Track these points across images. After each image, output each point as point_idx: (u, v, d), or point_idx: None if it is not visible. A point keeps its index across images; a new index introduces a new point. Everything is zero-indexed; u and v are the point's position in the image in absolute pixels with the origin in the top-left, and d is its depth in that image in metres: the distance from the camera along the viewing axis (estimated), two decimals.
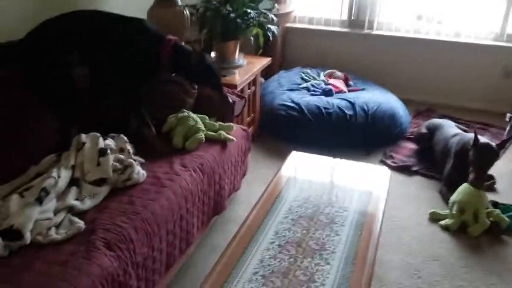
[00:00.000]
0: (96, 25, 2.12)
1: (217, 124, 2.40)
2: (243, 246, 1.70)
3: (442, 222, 2.52)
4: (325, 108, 3.34)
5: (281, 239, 1.74)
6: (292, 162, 2.38)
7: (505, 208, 2.58)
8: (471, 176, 2.50)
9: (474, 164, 2.52)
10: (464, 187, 2.52)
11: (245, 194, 2.73)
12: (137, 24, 2.15)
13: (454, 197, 2.53)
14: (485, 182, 2.59)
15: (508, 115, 3.15)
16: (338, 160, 2.43)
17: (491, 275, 2.18)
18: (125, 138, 2.06)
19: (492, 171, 2.86)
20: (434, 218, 2.57)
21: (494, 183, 2.91)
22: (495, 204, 2.62)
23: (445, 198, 2.68)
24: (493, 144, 2.55)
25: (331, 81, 3.87)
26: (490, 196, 2.70)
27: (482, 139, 2.58)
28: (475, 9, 4.01)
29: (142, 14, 2.88)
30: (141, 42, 2.12)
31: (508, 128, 3.12)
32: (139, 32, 2.13)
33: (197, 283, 1.68)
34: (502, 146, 2.57)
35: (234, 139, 2.35)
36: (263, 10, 3.05)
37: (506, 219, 2.46)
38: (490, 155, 2.53)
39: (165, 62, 2.14)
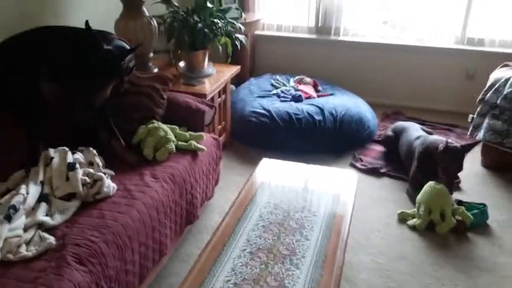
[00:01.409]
0: (62, 39, 2.12)
1: (188, 134, 2.43)
2: (215, 255, 1.73)
3: (410, 222, 2.60)
4: (295, 114, 3.40)
5: (252, 246, 1.78)
6: (262, 169, 2.42)
7: (469, 206, 2.68)
8: (442, 181, 2.58)
9: (445, 169, 2.60)
10: (428, 186, 2.61)
11: (218, 202, 2.76)
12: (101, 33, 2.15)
13: (420, 197, 2.62)
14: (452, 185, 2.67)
15: (471, 115, 3.27)
16: (307, 165, 2.48)
17: (458, 272, 2.26)
18: (94, 151, 2.06)
19: None
20: (403, 218, 2.66)
21: (459, 182, 3.02)
22: (460, 203, 2.71)
23: (412, 198, 2.77)
24: (460, 146, 2.64)
25: (301, 87, 3.93)
26: (455, 195, 2.80)
27: (451, 143, 2.65)
28: (436, 14, 4.15)
29: (110, 26, 2.89)
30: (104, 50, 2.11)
31: (470, 128, 3.24)
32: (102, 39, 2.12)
33: None
34: (468, 149, 2.66)
35: (205, 148, 2.38)
36: (230, 20, 3.09)
37: (470, 216, 2.56)
38: (459, 159, 2.62)
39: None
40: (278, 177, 2.36)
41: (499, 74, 3.18)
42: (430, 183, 2.61)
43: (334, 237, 1.86)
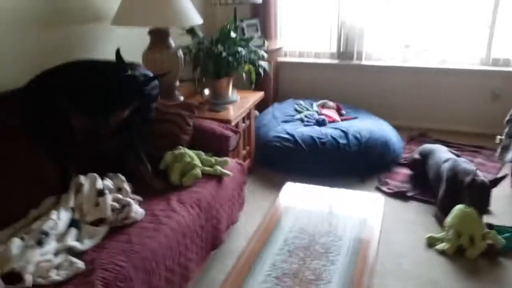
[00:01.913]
0: (88, 70, 2.22)
1: (213, 159, 2.47)
2: (240, 279, 1.73)
3: (439, 247, 2.54)
4: (319, 138, 3.41)
5: (277, 271, 1.77)
6: (287, 193, 2.43)
7: (500, 229, 2.61)
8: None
9: (471, 203, 2.55)
10: (458, 210, 2.55)
11: (243, 227, 2.76)
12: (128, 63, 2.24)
13: (449, 220, 2.56)
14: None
15: (499, 137, 3.21)
16: (332, 189, 2.48)
17: None
18: (123, 178, 2.11)
19: None
20: (431, 242, 2.60)
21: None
22: (490, 226, 2.64)
23: (440, 222, 2.71)
24: (487, 182, 2.58)
25: (324, 111, 3.96)
26: (486, 218, 2.73)
27: (478, 178, 2.60)
28: (459, 35, 4.14)
29: (137, 59, 2.99)
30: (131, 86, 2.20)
31: (499, 150, 3.18)
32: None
33: None
34: (495, 184, 2.61)
35: (230, 173, 2.41)
36: (253, 48, 3.16)
37: (502, 239, 2.49)
38: (486, 195, 2.57)
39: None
40: (303, 201, 2.36)
41: None
42: (460, 206, 2.56)
43: (360, 262, 1.83)
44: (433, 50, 4.25)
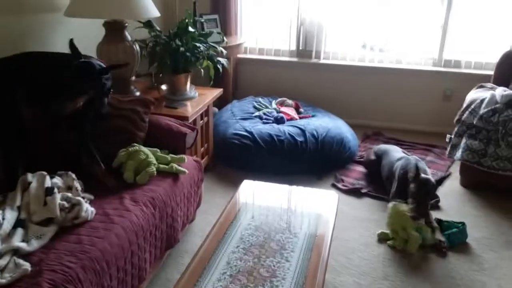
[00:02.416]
0: (40, 61, 2.14)
1: (169, 156, 2.43)
2: (195, 279, 1.71)
3: (390, 242, 2.62)
4: (277, 135, 3.43)
5: (232, 269, 1.77)
6: (244, 190, 2.43)
7: (448, 225, 2.72)
8: (410, 207, 2.58)
9: (413, 197, 2.60)
10: (390, 209, 2.66)
11: (200, 225, 2.74)
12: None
13: (387, 221, 2.67)
14: (425, 211, 2.63)
15: (448, 136, 3.34)
16: (289, 186, 2.50)
17: None
18: (73, 176, 2.04)
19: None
20: (383, 238, 2.67)
21: (438, 201, 3.06)
22: (439, 222, 2.75)
23: None
24: (433, 180, 2.63)
25: (283, 109, 3.98)
26: (435, 214, 2.84)
27: (423, 173, 2.67)
28: (414, 37, 4.27)
29: (92, 51, 2.91)
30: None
31: (449, 148, 3.30)
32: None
33: None
34: (440, 183, 2.68)
35: (186, 171, 2.38)
36: (212, 44, 3.13)
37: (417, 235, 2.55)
38: (430, 190, 2.62)
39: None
40: (260, 199, 2.37)
41: (475, 95, 3.27)
42: (390, 205, 2.68)
43: (314, 258, 1.86)
44: (389, 50, 4.36)
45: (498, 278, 2.38)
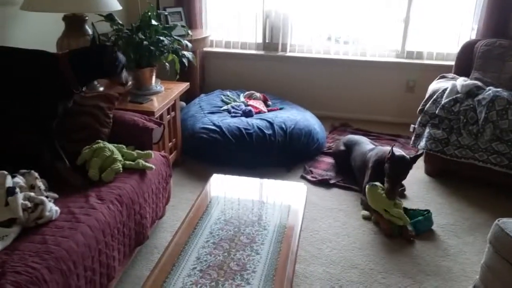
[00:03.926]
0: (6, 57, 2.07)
1: (135, 152, 2.38)
2: (165, 275, 1.70)
3: (373, 218, 2.76)
4: (245, 129, 3.43)
5: (202, 264, 1.76)
6: (213, 185, 2.41)
7: (414, 213, 2.78)
8: (386, 186, 2.69)
9: (389, 176, 2.70)
10: (368, 192, 2.76)
11: (170, 221, 2.72)
12: (35, 53, 2.11)
13: (371, 205, 2.76)
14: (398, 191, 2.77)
15: (412, 126, 3.42)
16: (258, 179, 2.51)
17: (406, 277, 2.34)
18: (36, 174, 1.97)
19: None
20: (366, 217, 2.81)
21: (404, 190, 3.14)
22: (405, 210, 2.81)
23: (366, 205, 2.84)
24: (407, 157, 2.73)
25: (251, 102, 3.98)
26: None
27: (397, 152, 2.76)
28: (378, 28, 4.34)
29: (52, 45, 2.82)
30: (39, 68, 2.09)
31: (413, 138, 3.38)
32: (36, 60, 2.10)
33: None
34: (414, 160, 2.76)
35: (153, 166, 2.34)
36: (176, 37, 3.09)
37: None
38: (404, 167, 2.72)
39: (72, 79, 2.12)
40: (229, 193, 2.36)
41: (436, 85, 3.36)
42: (368, 186, 2.76)
43: (284, 250, 1.87)
44: (354, 42, 4.42)
45: (462, 263, 2.46)
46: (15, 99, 2.08)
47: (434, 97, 3.22)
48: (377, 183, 2.76)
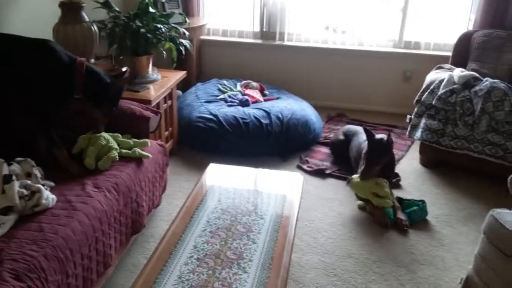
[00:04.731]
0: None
1: (132, 141, 2.38)
2: (162, 263, 1.70)
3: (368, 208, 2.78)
4: (242, 118, 3.42)
5: (199, 253, 1.77)
6: (210, 174, 2.42)
7: (409, 203, 2.80)
8: (361, 168, 2.76)
9: (365, 157, 2.77)
10: (350, 187, 2.82)
11: (166, 210, 2.72)
12: (43, 46, 2.08)
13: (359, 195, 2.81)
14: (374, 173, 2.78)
15: (408, 116, 3.42)
16: (255, 169, 2.51)
17: (400, 267, 2.36)
18: (32, 162, 1.97)
19: (397, 169, 3.11)
20: (362, 207, 2.83)
21: (399, 180, 3.15)
22: (400, 200, 2.83)
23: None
24: (385, 139, 2.77)
25: (248, 91, 3.97)
26: (396, 193, 2.93)
27: (378, 135, 2.82)
28: (375, 18, 4.32)
29: (48, 32, 2.79)
30: (51, 67, 2.07)
31: (409, 128, 3.39)
32: (47, 56, 2.07)
33: None
34: (390, 140, 2.81)
35: (150, 155, 2.34)
36: (174, 25, 3.07)
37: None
38: (382, 148, 2.76)
39: (79, 86, 2.13)
40: (226, 182, 2.37)
41: (433, 76, 3.36)
42: (349, 185, 2.82)
43: (280, 239, 1.88)
44: (351, 32, 4.40)
45: (456, 252, 2.48)
46: (20, 88, 2.06)
47: (431, 87, 3.22)
48: (353, 176, 2.82)
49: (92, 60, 3.01)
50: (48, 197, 1.81)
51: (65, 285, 1.64)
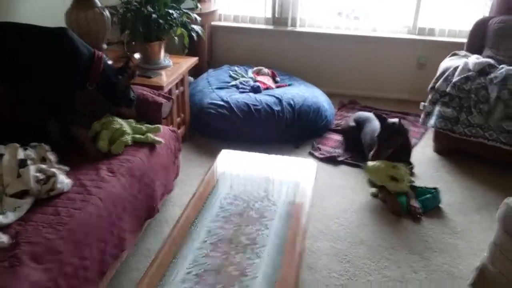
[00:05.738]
0: (13, 38, 2.04)
1: (144, 126, 2.38)
2: (176, 247, 1.71)
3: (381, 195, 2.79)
4: (253, 105, 3.41)
5: (213, 237, 1.78)
6: (222, 160, 2.42)
7: (422, 191, 2.78)
8: (374, 149, 2.78)
9: (377, 140, 2.79)
10: (366, 172, 2.82)
11: (179, 195, 2.73)
12: (60, 36, 2.08)
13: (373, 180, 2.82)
14: (385, 155, 2.79)
15: (422, 103, 3.38)
16: (267, 155, 2.50)
17: (413, 254, 2.36)
18: (47, 147, 1.99)
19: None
20: (375, 194, 2.83)
21: (412, 168, 3.13)
22: (413, 187, 2.82)
23: (373, 182, 2.86)
24: (397, 124, 2.77)
25: (259, 78, 3.94)
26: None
27: (390, 120, 2.83)
28: (389, 4, 4.26)
29: (59, 19, 2.79)
30: (67, 58, 2.08)
31: (423, 116, 3.35)
32: (66, 45, 2.08)
33: None
34: (402, 124, 2.81)
35: (162, 140, 2.35)
36: (185, 10, 3.05)
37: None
38: (393, 132, 2.77)
39: (95, 79, 2.18)
40: (238, 168, 2.37)
41: (448, 63, 3.31)
42: (364, 170, 2.82)
43: (293, 225, 1.88)
44: (365, 18, 4.34)
45: (469, 240, 2.47)
46: (34, 77, 2.08)
47: (446, 74, 3.18)
48: (367, 163, 2.81)
49: (104, 46, 3.01)
50: (63, 181, 1.83)
51: (82, 268, 1.66)
